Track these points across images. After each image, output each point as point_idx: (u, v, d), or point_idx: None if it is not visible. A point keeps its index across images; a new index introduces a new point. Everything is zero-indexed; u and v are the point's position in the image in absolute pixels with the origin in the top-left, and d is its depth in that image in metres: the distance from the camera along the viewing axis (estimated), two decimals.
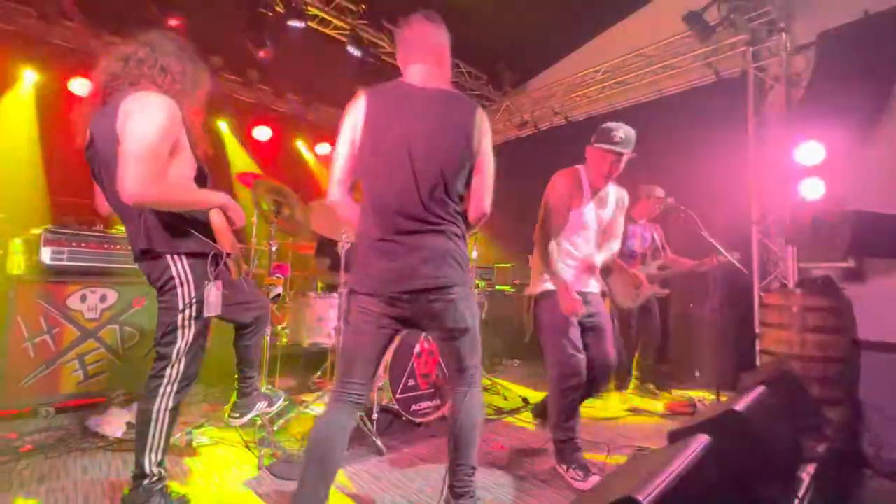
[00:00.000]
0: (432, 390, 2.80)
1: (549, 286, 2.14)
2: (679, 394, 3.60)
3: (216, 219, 1.60)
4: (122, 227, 3.17)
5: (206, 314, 1.63)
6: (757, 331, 3.85)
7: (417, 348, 2.76)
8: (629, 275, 3.34)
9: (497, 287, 4.61)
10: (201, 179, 1.65)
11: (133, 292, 2.97)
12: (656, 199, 3.45)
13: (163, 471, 1.64)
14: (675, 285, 3.86)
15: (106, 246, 2.89)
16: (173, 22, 4.41)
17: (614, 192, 2.31)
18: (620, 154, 2.08)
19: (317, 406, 2.78)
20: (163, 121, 1.45)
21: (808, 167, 3.60)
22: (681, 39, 4.49)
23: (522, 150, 6.36)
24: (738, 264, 3.25)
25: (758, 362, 3.76)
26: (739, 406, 1.88)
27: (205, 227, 1.62)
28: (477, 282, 3.84)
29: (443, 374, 2.86)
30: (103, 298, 2.88)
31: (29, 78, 4.35)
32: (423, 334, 2.79)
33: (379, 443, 2.34)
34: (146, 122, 1.43)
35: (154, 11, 4.35)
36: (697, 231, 3.21)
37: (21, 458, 2.11)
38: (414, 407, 2.68)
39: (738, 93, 4.24)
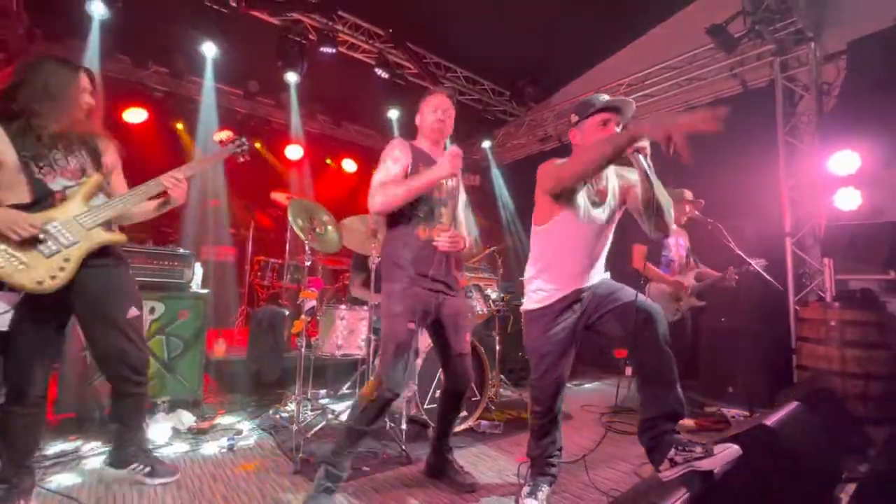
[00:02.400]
0: None
1: (531, 305, 1.97)
2: (710, 410, 3.51)
3: None
4: (169, 244, 3.41)
5: None
6: (793, 346, 3.74)
7: None
8: (671, 284, 3.20)
9: (522, 300, 4.62)
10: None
11: (178, 305, 3.17)
12: (685, 203, 3.34)
13: None
14: (706, 297, 3.79)
15: (155, 262, 3.11)
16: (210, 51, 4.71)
17: (616, 178, 1.92)
18: (617, 110, 1.78)
19: (346, 415, 2.88)
20: None
21: (843, 177, 3.52)
22: (705, 51, 4.49)
23: None
24: (764, 273, 3.15)
25: (795, 378, 3.64)
26: (770, 421, 1.86)
27: None
28: (502, 295, 3.88)
29: (471, 387, 2.91)
30: (152, 310, 3.08)
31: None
32: None
33: (406, 451, 2.40)
34: None
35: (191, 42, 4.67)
36: (725, 243, 3.18)
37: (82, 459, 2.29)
38: None
39: (766, 103, 4.20)
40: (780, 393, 3.43)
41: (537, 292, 1.95)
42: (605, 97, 1.84)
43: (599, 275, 1.96)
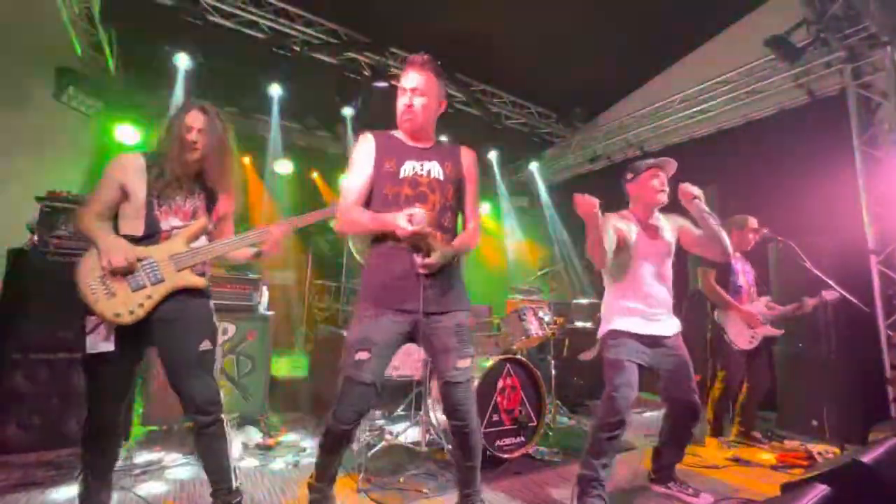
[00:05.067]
0: (516, 426, 2.81)
1: (614, 326, 2.19)
2: (793, 444, 3.22)
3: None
4: (238, 269, 3.65)
5: (87, 349, 1.66)
6: (888, 375, 3.38)
7: (500, 384, 2.82)
8: (743, 313, 3.10)
9: (576, 323, 4.52)
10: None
11: (247, 326, 3.39)
12: (749, 230, 3.20)
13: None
14: (782, 324, 3.52)
15: (228, 285, 3.36)
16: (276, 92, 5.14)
17: (667, 221, 2.33)
18: (661, 167, 2.24)
19: (404, 436, 2.92)
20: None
21: None
22: (766, 62, 4.31)
23: (595, 184, 6.31)
24: (848, 296, 2.90)
25: (893, 412, 3.28)
26: (867, 458, 1.69)
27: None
28: (555, 318, 3.82)
29: (526, 411, 2.87)
30: (224, 331, 3.31)
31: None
32: (506, 368, 2.86)
33: None
34: None
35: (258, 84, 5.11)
36: (801, 263, 2.97)
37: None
38: (498, 442, 2.72)
39: (838, 112, 3.94)
40: (874, 428, 3.09)
41: (621, 317, 2.20)
42: (652, 160, 2.28)
43: (671, 316, 2.25)
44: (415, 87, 1.78)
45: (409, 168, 1.77)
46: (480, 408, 2.71)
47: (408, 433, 2.96)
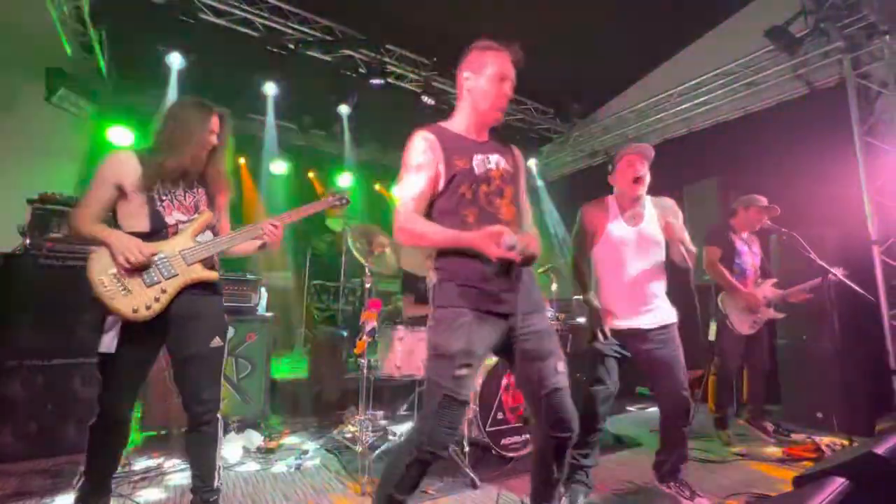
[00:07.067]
0: (521, 425, 2.78)
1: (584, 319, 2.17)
2: (798, 438, 3.20)
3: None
4: (236, 270, 3.60)
5: (99, 348, 1.69)
6: (892, 366, 3.36)
7: (505, 381, 2.78)
8: (744, 296, 3.05)
9: (578, 319, 4.50)
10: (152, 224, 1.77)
11: (246, 328, 3.34)
12: (756, 210, 3.14)
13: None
14: (785, 311, 3.50)
15: (227, 287, 3.30)
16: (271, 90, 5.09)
17: (652, 205, 2.20)
18: (641, 154, 2.12)
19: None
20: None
21: None
22: (763, 54, 4.29)
23: (595, 179, 6.28)
24: (853, 284, 2.87)
25: None
26: (881, 449, 1.66)
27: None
28: (558, 315, 3.78)
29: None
30: None
31: None
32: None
33: (472, 475, 2.36)
34: None
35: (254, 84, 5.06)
36: (805, 254, 2.95)
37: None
38: (504, 441, 2.68)
39: (837, 103, 3.93)
40: (880, 419, 3.08)
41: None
42: (626, 147, 2.19)
43: (659, 307, 2.12)
44: (512, 81, 1.66)
45: (479, 163, 1.58)
46: (486, 406, 2.68)
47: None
